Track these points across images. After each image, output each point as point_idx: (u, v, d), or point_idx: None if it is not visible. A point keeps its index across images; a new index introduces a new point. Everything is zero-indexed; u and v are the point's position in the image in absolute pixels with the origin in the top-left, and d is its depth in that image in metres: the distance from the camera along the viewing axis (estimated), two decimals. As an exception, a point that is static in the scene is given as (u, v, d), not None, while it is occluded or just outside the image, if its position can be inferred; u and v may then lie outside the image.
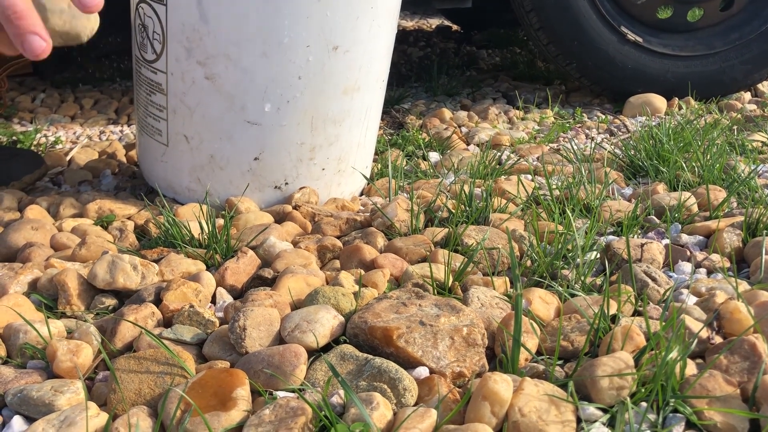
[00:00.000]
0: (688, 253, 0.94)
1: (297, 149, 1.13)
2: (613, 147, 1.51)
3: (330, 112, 1.12)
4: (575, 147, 1.50)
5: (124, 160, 1.52)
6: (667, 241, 0.98)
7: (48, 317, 0.78)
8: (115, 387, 0.66)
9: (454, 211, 1.07)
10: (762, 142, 1.48)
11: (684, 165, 1.26)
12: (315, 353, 0.72)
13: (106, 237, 1.04)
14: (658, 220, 1.06)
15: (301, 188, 1.17)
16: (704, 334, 0.72)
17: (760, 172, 1.28)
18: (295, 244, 1.00)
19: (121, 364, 0.69)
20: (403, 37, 3.24)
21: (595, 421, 0.61)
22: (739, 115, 1.73)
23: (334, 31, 1.06)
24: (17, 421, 0.64)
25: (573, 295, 0.83)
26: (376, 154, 1.52)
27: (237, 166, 1.13)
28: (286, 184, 1.16)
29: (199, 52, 1.06)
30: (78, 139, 1.72)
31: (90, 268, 0.88)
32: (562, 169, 1.31)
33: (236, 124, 1.10)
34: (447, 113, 1.83)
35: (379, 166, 1.39)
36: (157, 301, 0.83)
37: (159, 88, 1.12)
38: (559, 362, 0.71)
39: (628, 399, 0.62)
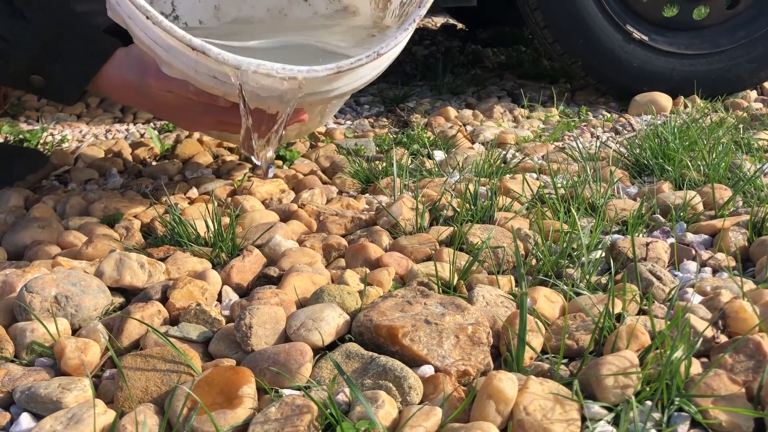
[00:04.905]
0: (694, 251, 0.93)
1: None
2: (618, 146, 1.51)
3: None
4: (580, 146, 1.50)
5: (129, 158, 1.52)
6: (672, 239, 0.98)
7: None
8: (122, 385, 0.67)
9: (459, 209, 1.07)
10: (768, 140, 1.48)
11: (689, 164, 1.26)
12: (320, 351, 0.72)
13: (112, 235, 1.04)
14: (663, 219, 1.06)
15: (309, 189, 1.16)
16: (709, 333, 0.72)
17: (766, 170, 1.28)
18: (300, 242, 1.01)
19: (128, 362, 0.69)
20: (408, 35, 3.23)
21: (600, 419, 0.61)
22: (745, 114, 1.73)
23: None
24: (25, 419, 0.64)
25: (578, 294, 0.83)
26: (381, 152, 1.52)
27: None
28: None
29: None
30: (84, 138, 1.73)
31: (97, 266, 0.89)
32: (567, 168, 1.31)
33: None
34: (452, 112, 1.83)
35: (385, 164, 1.39)
36: (164, 300, 0.84)
37: None
38: (564, 361, 0.72)
39: (633, 398, 0.62)
